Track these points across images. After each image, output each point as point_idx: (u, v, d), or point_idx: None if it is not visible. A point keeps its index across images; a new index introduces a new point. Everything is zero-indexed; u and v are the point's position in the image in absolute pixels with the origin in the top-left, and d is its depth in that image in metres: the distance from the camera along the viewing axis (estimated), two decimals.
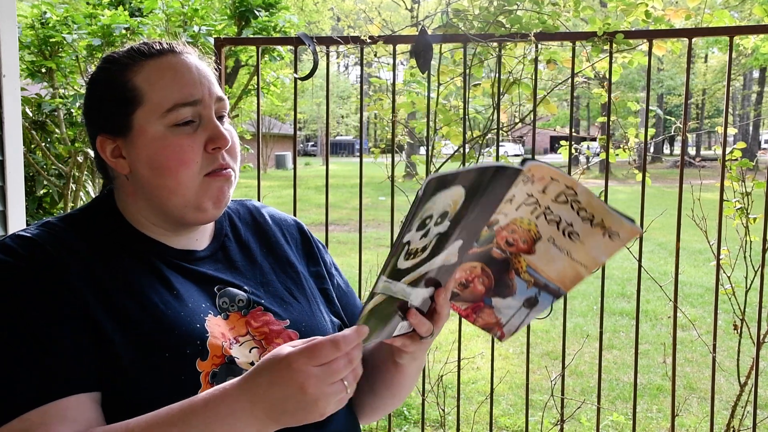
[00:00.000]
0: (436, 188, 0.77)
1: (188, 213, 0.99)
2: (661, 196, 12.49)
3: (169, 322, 0.92)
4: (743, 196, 2.66)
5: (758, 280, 2.48)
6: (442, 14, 2.78)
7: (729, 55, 2.40)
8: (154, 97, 0.96)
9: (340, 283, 1.20)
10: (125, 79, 0.97)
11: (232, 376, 0.92)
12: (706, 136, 38.65)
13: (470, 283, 1.01)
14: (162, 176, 0.96)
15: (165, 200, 0.98)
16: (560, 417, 2.69)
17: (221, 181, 0.99)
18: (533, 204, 0.92)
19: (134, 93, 0.97)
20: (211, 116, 0.98)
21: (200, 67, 1.01)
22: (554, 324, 5.60)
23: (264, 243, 1.13)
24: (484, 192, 0.83)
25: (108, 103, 0.99)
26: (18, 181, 2.37)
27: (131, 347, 0.88)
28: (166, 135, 0.96)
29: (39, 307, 0.88)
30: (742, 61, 22.65)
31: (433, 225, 0.82)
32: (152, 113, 0.96)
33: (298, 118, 5.58)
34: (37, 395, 0.84)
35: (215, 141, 0.97)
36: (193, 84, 0.98)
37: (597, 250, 0.95)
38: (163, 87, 0.96)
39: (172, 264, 1.00)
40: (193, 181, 0.96)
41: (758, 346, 2.57)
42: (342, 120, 40.10)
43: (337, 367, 0.78)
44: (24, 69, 3.69)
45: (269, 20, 4.86)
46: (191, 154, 0.96)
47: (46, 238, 0.94)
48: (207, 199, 0.98)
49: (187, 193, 0.97)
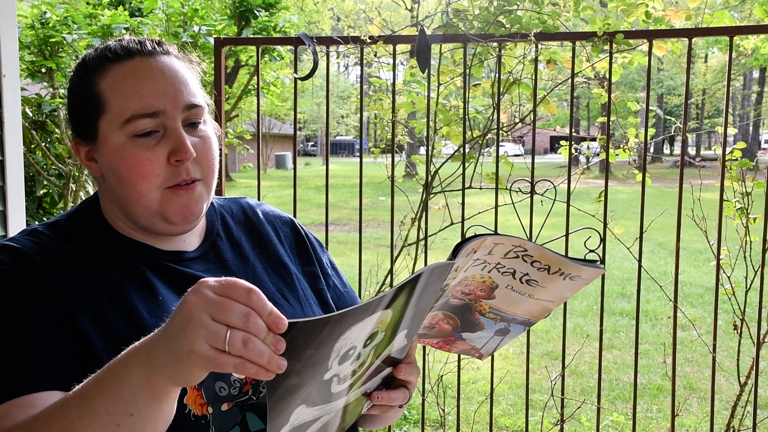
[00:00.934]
0: (335, 332, 0.71)
1: (156, 224, 0.97)
2: (661, 196, 12.49)
3: (152, 329, 0.91)
4: (743, 196, 2.66)
5: (758, 280, 2.48)
6: (442, 14, 2.78)
7: (729, 55, 2.40)
8: (115, 105, 0.94)
9: (336, 283, 1.18)
10: (92, 84, 0.96)
11: (220, 381, 0.92)
12: (706, 136, 38.65)
13: (435, 325, 0.99)
14: (124, 187, 0.95)
15: (131, 209, 0.97)
16: (560, 417, 2.69)
17: (185, 196, 0.96)
18: (482, 263, 0.89)
19: (98, 99, 0.95)
20: (176, 127, 0.94)
21: (172, 71, 0.96)
22: (554, 324, 5.60)
23: (256, 242, 1.11)
24: (416, 295, 0.78)
25: (78, 107, 0.98)
26: (18, 181, 2.37)
27: (114, 354, 0.87)
28: (126, 146, 0.93)
29: (19, 308, 0.87)
30: (742, 61, 22.66)
31: (361, 347, 0.77)
32: (113, 122, 0.94)
33: (298, 118, 5.58)
34: (9, 389, 0.83)
35: (177, 153, 0.93)
36: (154, 93, 0.93)
37: (561, 290, 0.94)
38: (122, 95, 0.94)
39: (161, 266, 0.99)
40: (154, 193, 0.94)
41: (758, 346, 2.57)
42: (342, 120, 40.10)
43: (231, 308, 0.67)
44: (24, 69, 3.69)
45: (269, 20, 4.86)
46: (150, 167, 0.93)
47: (31, 246, 0.93)
48: (172, 214, 0.96)
49: (151, 205, 0.95)
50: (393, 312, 0.77)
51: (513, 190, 2.58)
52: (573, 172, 2.65)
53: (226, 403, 0.92)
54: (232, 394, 0.92)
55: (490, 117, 2.82)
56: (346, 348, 0.74)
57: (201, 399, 0.90)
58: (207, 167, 0.98)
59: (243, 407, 0.93)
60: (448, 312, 0.96)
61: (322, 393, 0.77)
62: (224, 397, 0.92)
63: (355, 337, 0.74)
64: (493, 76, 2.71)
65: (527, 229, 2.62)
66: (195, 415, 0.89)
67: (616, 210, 4.40)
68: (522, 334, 1.00)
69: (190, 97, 0.96)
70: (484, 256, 0.88)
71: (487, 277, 0.91)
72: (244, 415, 0.93)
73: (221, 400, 0.91)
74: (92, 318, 0.89)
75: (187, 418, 0.88)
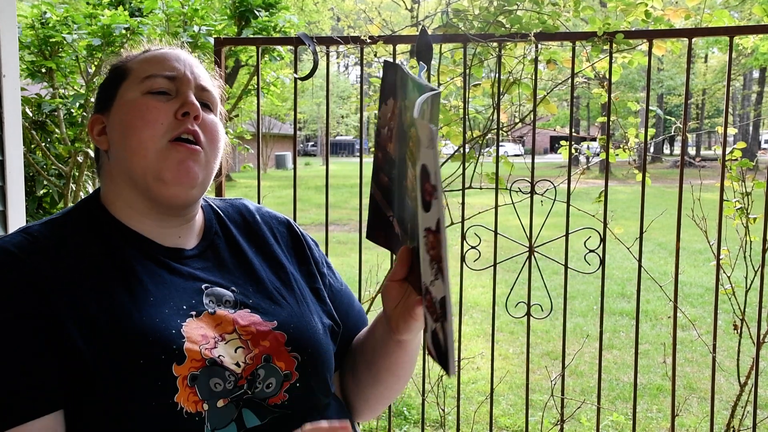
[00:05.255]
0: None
1: (150, 183, 0.98)
2: (661, 196, 12.50)
3: (142, 329, 0.90)
4: (743, 196, 2.66)
5: (758, 280, 2.48)
6: (442, 14, 2.78)
7: (729, 55, 2.40)
8: (137, 69, 1.03)
9: (332, 283, 1.18)
10: (126, 66, 1.05)
11: (215, 377, 0.92)
12: (706, 136, 38.65)
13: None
14: (127, 137, 0.98)
15: (129, 165, 0.99)
16: (560, 417, 2.69)
17: (184, 152, 0.98)
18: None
19: (123, 70, 1.05)
20: (188, 92, 1.01)
21: (190, 58, 1.06)
22: (554, 324, 5.60)
23: (254, 243, 1.12)
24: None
25: (104, 85, 1.07)
26: (18, 181, 2.37)
27: (103, 355, 0.88)
28: (138, 98, 1.00)
29: (3, 326, 0.87)
30: (742, 61, 22.66)
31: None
32: (132, 83, 1.02)
33: (298, 118, 5.58)
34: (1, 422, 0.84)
35: (184, 107, 0.99)
36: (175, 59, 1.04)
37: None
38: (145, 62, 1.04)
39: (159, 262, 0.99)
40: (155, 143, 0.97)
41: (758, 346, 2.57)
42: (342, 120, 40.13)
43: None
44: (24, 69, 3.69)
45: (269, 20, 4.86)
46: (156, 114, 0.98)
47: (23, 245, 0.93)
48: (166, 170, 0.97)
49: (148, 156, 0.97)
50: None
51: (513, 190, 2.58)
52: (573, 172, 2.65)
53: (222, 399, 0.92)
54: (228, 389, 0.92)
55: (490, 117, 2.82)
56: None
57: (195, 396, 0.90)
58: (211, 141, 1.02)
59: (239, 403, 0.93)
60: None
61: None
62: (219, 392, 0.92)
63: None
64: (493, 76, 2.71)
65: (527, 229, 2.62)
66: (188, 413, 0.89)
67: (616, 210, 4.40)
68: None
69: (205, 81, 1.05)
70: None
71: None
72: (240, 411, 0.93)
73: (216, 396, 0.91)
74: (79, 320, 0.89)
75: (180, 416, 0.88)
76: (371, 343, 1.11)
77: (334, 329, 1.11)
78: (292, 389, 0.98)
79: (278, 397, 0.97)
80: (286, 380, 0.98)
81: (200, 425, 0.89)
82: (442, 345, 0.78)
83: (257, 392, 0.95)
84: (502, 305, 2.67)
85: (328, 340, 1.07)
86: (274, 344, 0.99)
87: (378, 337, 1.09)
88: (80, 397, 0.87)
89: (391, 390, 1.17)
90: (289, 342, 1.00)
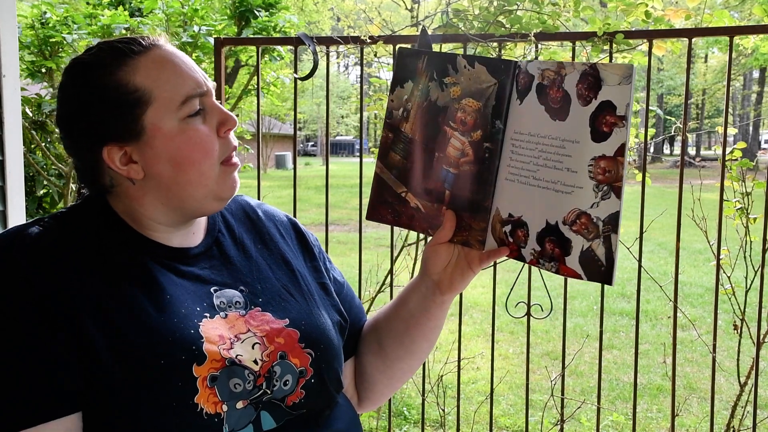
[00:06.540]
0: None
1: (207, 204, 0.99)
2: (661, 196, 12.49)
3: (162, 329, 0.89)
4: (743, 196, 2.66)
5: (758, 280, 2.48)
6: (442, 14, 2.79)
7: (729, 55, 2.40)
8: (162, 93, 0.93)
9: (336, 276, 1.19)
10: (123, 83, 0.93)
11: (235, 378, 0.91)
12: (706, 136, 38.65)
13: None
14: (184, 171, 0.95)
15: (187, 195, 0.96)
16: (560, 417, 2.69)
17: (233, 170, 1.00)
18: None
19: (139, 94, 0.93)
20: (214, 102, 0.99)
21: (186, 56, 1.02)
22: (554, 324, 5.60)
23: (258, 239, 1.11)
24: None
25: (110, 110, 0.93)
26: (18, 181, 2.37)
27: (123, 357, 0.86)
28: (182, 128, 0.94)
29: (18, 327, 0.85)
30: (742, 61, 22.64)
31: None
32: (164, 109, 0.93)
33: (298, 118, 5.58)
34: (15, 423, 0.83)
35: (226, 123, 0.98)
36: (192, 74, 0.97)
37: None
38: (166, 81, 0.94)
39: (166, 265, 0.97)
40: (213, 170, 0.97)
41: (758, 346, 2.57)
42: (342, 120, 40.11)
43: None
44: (24, 69, 3.69)
45: (269, 20, 4.87)
46: (210, 142, 0.96)
47: (40, 245, 0.90)
48: (225, 191, 0.99)
49: (209, 184, 0.97)
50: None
51: None
52: None
53: (242, 401, 0.91)
54: (247, 389, 0.92)
55: None
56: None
57: (214, 397, 0.89)
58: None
59: (258, 405, 0.93)
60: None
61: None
62: (239, 393, 0.91)
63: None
64: None
65: None
66: (208, 414, 0.88)
67: None
68: None
69: (208, 78, 1.02)
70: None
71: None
72: (259, 413, 0.93)
73: (236, 397, 0.91)
74: (97, 321, 0.87)
75: (199, 418, 0.88)
76: (403, 315, 1.13)
77: (342, 324, 1.11)
78: (307, 386, 0.99)
79: (296, 395, 0.97)
80: (302, 377, 0.98)
81: (219, 426, 0.89)
82: (603, 258, 0.90)
83: (276, 390, 0.95)
84: (502, 305, 2.67)
85: (337, 335, 1.08)
86: (289, 341, 0.99)
87: (413, 307, 1.11)
88: (100, 399, 0.86)
89: (419, 359, 1.19)
90: (302, 338, 1.00)
